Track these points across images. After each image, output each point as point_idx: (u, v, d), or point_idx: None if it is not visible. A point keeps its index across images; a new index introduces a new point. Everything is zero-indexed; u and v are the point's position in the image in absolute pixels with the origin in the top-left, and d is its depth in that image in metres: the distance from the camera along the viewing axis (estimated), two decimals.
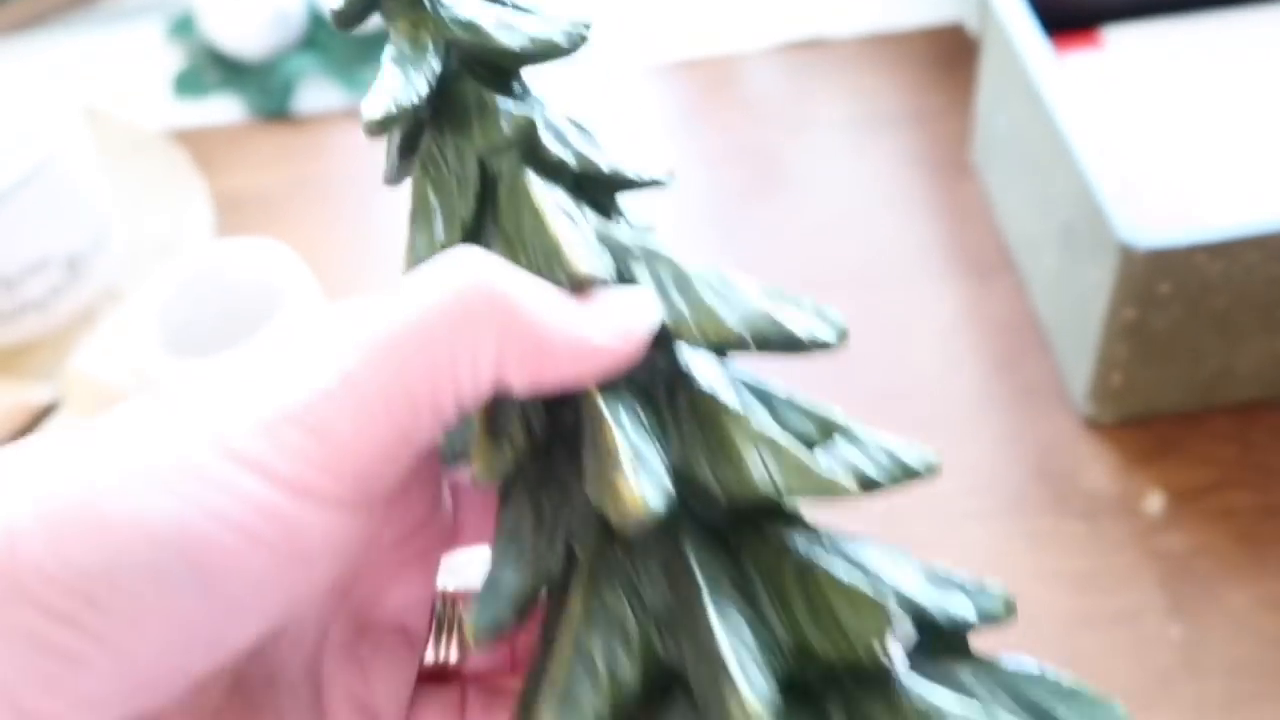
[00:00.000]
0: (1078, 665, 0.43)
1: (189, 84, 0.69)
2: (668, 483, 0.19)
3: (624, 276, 0.20)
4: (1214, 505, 0.46)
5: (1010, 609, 0.20)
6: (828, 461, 0.19)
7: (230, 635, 0.17)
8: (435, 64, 0.21)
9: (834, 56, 0.66)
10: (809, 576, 0.19)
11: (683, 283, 0.20)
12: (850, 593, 0.18)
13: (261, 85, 0.67)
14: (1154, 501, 0.47)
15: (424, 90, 0.21)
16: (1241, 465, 0.47)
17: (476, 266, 0.18)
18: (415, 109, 0.20)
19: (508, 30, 0.21)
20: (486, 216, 0.21)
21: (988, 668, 0.19)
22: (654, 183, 0.23)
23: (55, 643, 0.16)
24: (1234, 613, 0.44)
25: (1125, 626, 0.44)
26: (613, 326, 0.19)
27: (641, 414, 0.20)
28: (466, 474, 0.22)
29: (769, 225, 0.58)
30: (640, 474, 0.18)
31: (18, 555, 0.16)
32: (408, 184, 0.23)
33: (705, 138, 0.63)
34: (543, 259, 0.20)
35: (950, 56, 0.65)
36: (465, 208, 0.21)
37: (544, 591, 0.20)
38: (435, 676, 0.23)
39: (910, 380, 0.52)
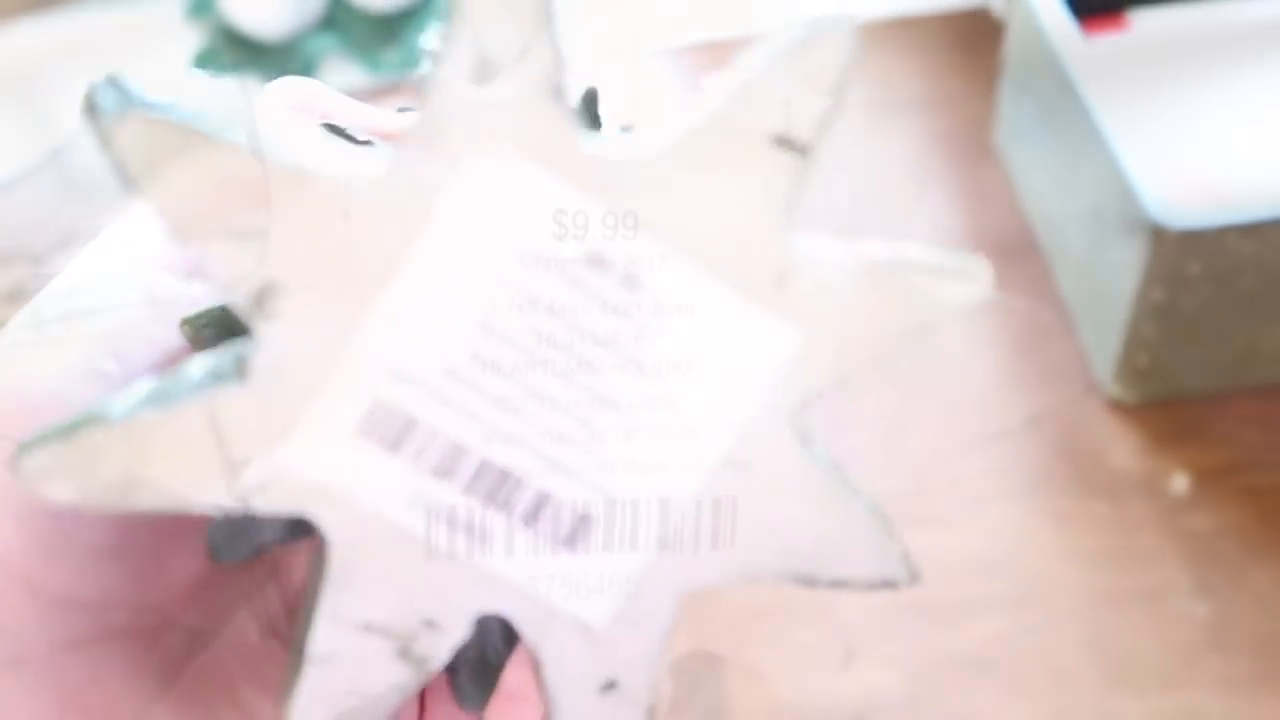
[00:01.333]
0: (1103, 643, 0.43)
1: (208, 64, 0.69)
2: None
3: None
4: (1239, 486, 0.47)
5: None
6: None
7: None
8: None
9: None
10: None
11: None
12: None
13: (281, 65, 0.67)
14: (1179, 482, 0.47)
15: None
16: (1266, 446, 0.48)
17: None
18: None
19: None
20: None
21: None
22: None
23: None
24: (1260, 592, 0.44)
25: (1151, 605, 0.44)
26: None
27: None
28: None
29: None
30: None
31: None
32: None
33: None
34: None
35: (974, 40, 0.65)
36: None
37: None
38: None
39: (934, 362, 0.52)
